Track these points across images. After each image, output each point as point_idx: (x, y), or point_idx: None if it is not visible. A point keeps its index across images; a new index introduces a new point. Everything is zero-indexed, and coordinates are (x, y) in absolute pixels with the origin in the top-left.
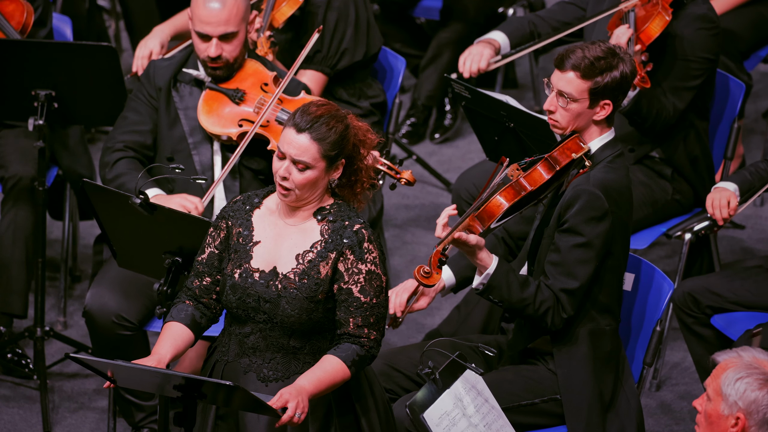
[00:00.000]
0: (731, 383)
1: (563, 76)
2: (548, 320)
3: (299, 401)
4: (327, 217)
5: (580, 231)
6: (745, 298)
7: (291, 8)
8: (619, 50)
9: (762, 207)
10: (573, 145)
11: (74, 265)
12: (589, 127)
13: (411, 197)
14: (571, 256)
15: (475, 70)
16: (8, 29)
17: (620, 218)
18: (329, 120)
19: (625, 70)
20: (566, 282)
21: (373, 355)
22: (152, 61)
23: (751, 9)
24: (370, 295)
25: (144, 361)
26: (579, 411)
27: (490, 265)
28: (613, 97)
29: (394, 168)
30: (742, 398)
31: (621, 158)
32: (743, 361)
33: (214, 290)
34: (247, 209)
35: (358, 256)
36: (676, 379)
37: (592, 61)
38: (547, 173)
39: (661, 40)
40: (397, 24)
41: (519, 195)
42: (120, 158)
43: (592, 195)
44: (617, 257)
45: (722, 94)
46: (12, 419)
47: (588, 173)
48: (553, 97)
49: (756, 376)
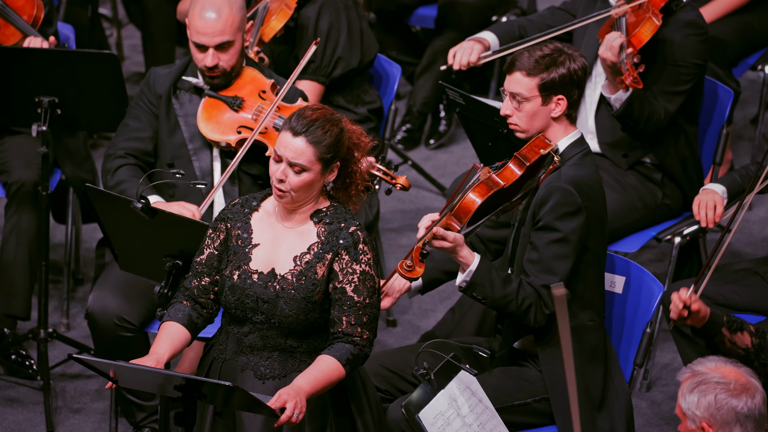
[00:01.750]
0: (686, 398)
1: (512, 78)
2: (531, 317)
3: (297, 401)
4: (323, 219)
5: (555, 227)
6: (734, 300)
7: (280, 22)
8: (568, 48)
9: (750, 211)
10: (540, 142)
11: (77, 268)
12: (551, 125)
13: (406, 201)
14: (549, 252)
15: (465, 63)
16: (20, 22)
17: (594, 213)
18: (324, 123)
19: (573, 66)
20: (546, 278)
21: (366, 354)
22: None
23: (739, 17)
24: (363, 295)
25: (142, 361)
26: (566, 409)
27: (473, 263)
28: (566, 92)
29: (389, 174)
30: (698, 407)
31: (590, 156)
32: (694, 372)
33: (212, 290)
34: (245, 212)
35: (353, 257)
36: (666, 379)
37: (537, 59)
38: (518, 169)
39: (651, 46)
40: (393, 32)
41: (492, 190)
42: (121, 165)
43: (564, 191)
44: (595, 252)
45: (711, 101)
46: (16, 419)
47: (559, 171)
48: (507, 100)
49: (705, 383)
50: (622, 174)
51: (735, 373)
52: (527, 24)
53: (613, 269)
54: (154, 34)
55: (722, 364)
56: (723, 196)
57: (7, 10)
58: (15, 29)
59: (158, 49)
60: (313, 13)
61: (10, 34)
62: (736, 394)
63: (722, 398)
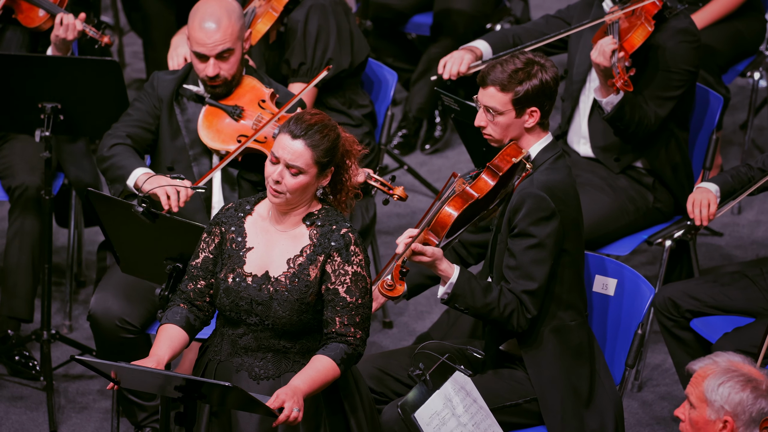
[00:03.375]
0: (715, 389)
1: (486, 92)
2: (514, 322)
3: (295, 401)
4: (315, 222)
5: (530, 233)
6: (724, 302)
7: (266, 25)
8: (541, 58)
9: (739, 215)
10: (512, 150)
11: (79, 271)
12: (524, 135)
13: (402, 206)
14: (526, 258)
15: (455, 73)
16: (46, 3)
17: (568, 216)
18: (322, 128)
19: (545, 77)
20: (526, 284)
21: (360, 353)
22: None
23: (729, 25)
24: (355, 295)
25: (143, 362)
26: (554, 408)
27: (453, 275)
28: (539, 104)
29: (386, 184)
30: (727, 401)
31: (562, 159)
32: (720, 366)
33: (208, 293)
34: (239, 216)
35: (345, 258)
36: (657, 380)
37: (510, 74)
38: (491, 180)
39: (644, 51)
40: (389, 39)
41: (467, 203)
42: (119, 143)
43: (537, 197)
44: (571, 254)
45: (701, 107)
46: (20, 419)
47: (531, 177)
48: (482, 112)
49: (737, 379)
50: (614, 178)
51: (760, 374)
52: (522, 32)
53: (606, 272)
54: (155, 42)
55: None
56: (717, 194)
57: None
58: (41, 11)
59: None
60: (301, 16)
61: (36, 15)
62: (765, 396)
63: (753, 398)
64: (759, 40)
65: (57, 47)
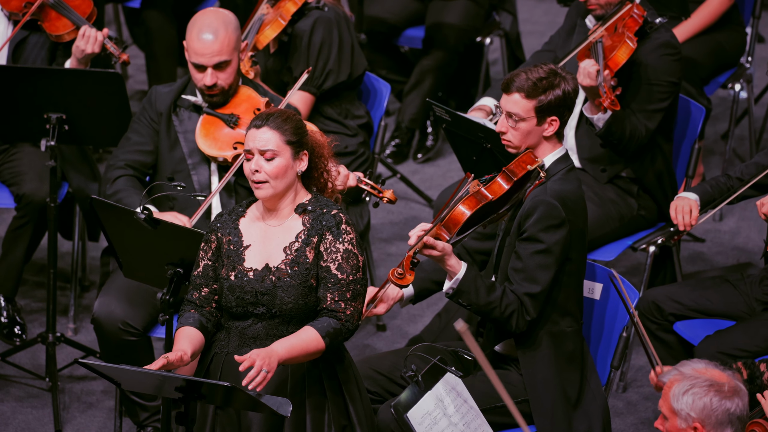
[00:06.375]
0: (679, 398)
1: (510, 98)
2: (513, 323)
3: (266, 362)
4: (307, 209)
5: (539, 239)
6: (705, 306)
7: (274, 31)
8: (561, 70)
9: (721, 222)
10: (527, 158)
11: (83, 276)
12: (541, 143)
13: (395, 213)
14: (532, 262)
15: None
16: (74, 16)
17: (576, 225)
18: (282, 114)
19: (567, 87)
20: (529, 287)
21: (349, 329)
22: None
23: (710, 37)
24: (346, 272)
25: (168, 355)
26: (545, 409)
27: (459, 271)
28: (559, 113)
29: (377, 187)
30: (693, 408)
31: (574, 171)
32: (684, 374)
33: (213, 299)
34: (233, 219)
35: (336, 236)
36: (641, 381)
37: (535, 82)
38: (506, 183)
39: (628, 67)
40: (382, 52)
41: (480, 203)
42: (120, 176)
43: (549, 205)
44: (575, 263)
45: (684, 117)
46: (26, 419)
47: (545, 185)
48: (503, 118)
49: (699, 385)
50: (601, 188)
51: (723, 376)
52: None
53: (593, 277)
54: (157, 55)
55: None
56: (697, 202)
57: (62, 4)
58: (68, 21)
59: (161, 69)
60: (307, 27)
61: (62, 25)
62: (729, 396)
63: (717, 400)
64: (740, 52)
65: (78, 59)
